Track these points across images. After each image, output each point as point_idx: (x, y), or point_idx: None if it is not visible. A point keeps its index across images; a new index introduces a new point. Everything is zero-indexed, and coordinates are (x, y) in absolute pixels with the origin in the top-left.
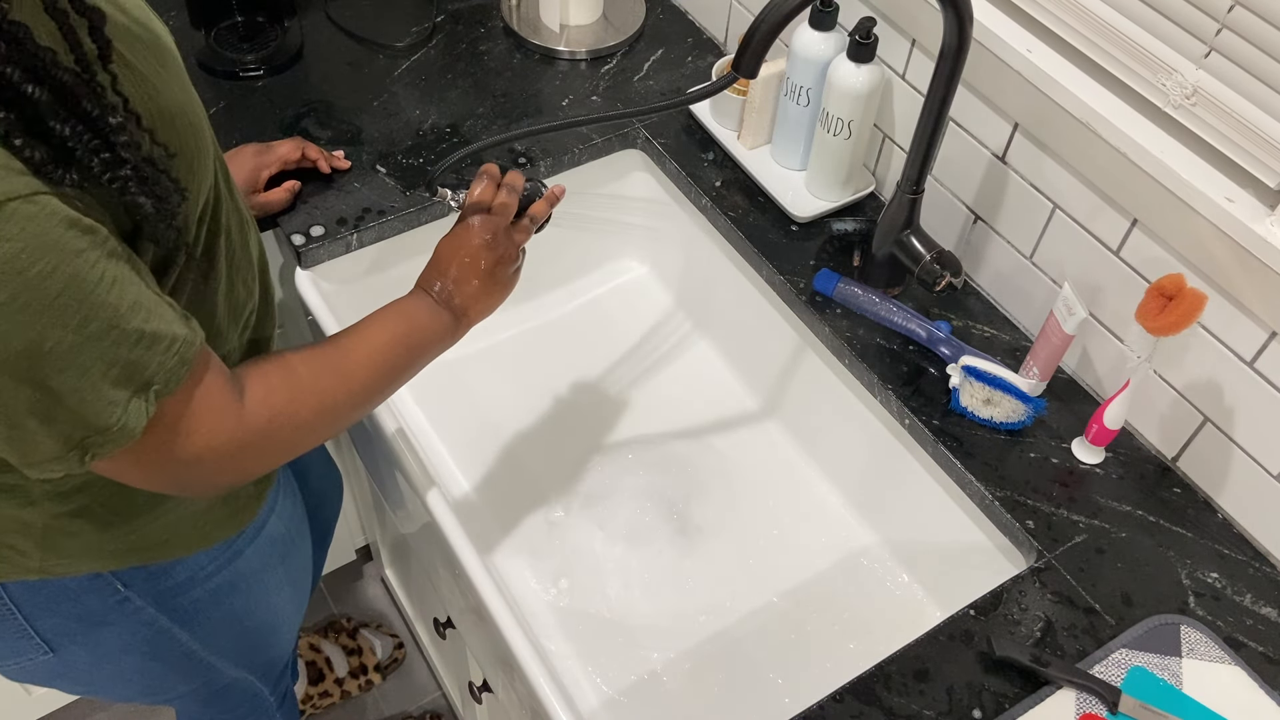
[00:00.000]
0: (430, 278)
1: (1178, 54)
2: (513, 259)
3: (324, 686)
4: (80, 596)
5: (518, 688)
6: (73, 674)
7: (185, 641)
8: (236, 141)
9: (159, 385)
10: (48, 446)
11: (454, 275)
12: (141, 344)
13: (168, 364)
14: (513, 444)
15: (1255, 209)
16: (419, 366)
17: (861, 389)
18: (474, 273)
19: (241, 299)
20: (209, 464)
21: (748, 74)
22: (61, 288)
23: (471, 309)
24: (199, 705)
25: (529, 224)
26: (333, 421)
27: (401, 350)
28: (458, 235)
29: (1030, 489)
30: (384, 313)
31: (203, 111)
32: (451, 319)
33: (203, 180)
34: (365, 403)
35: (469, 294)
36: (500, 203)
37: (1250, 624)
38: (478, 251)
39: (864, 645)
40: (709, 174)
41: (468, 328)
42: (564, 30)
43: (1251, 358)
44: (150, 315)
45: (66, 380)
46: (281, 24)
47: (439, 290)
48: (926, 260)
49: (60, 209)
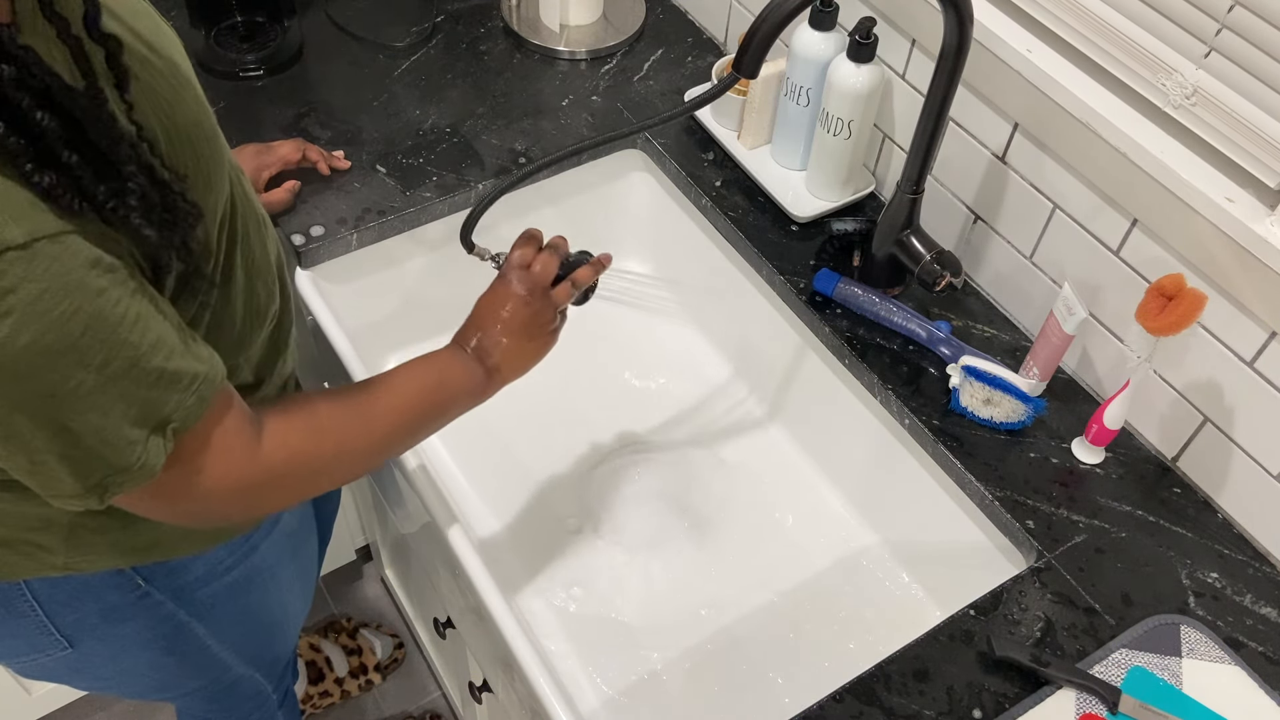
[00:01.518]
0: (466, 333)
1: (1178, 54)
2: (549, 320)
3: (324, 686)
4: (101, 592)
5: (518, 688)
6: (89, 669)
7: (201, 636)
8: (236, 141)
9: (177, 423)
10: (68, 485)
11: (489, 331)
12: (161, 383)
13: (186, 402)
14: (512, 444)
15: (1255, 209)
16: (446, 420)
17: (861, 389)
18: (509, 330)
19: (263, 301)
20: (223, 499)
21: (749, 74)
22: (84, 329)
23: (505, 366)
24: (204, 703)
25: (570, 288)
26: (351, 466)
27: (429, 402)
28: (495, 291)
29: (1030, 489)
30: (416, 363)
31: (215, 121)
32: (484, 375)
33: (219, 191)
34: (386, 450)
35: (503, 351)
36: (541, 261)
37: (1250, 624)
38: (514, 309)
39: (864, 645)
40: (709, 174)
41: (500, 385)
42: (564, 30)
43: (1251, 358)
44: (172, 353)
45: (88, 421)
46: (281, 24)
47: (474, 346)
48: (926, 260)
49: (84, 248)
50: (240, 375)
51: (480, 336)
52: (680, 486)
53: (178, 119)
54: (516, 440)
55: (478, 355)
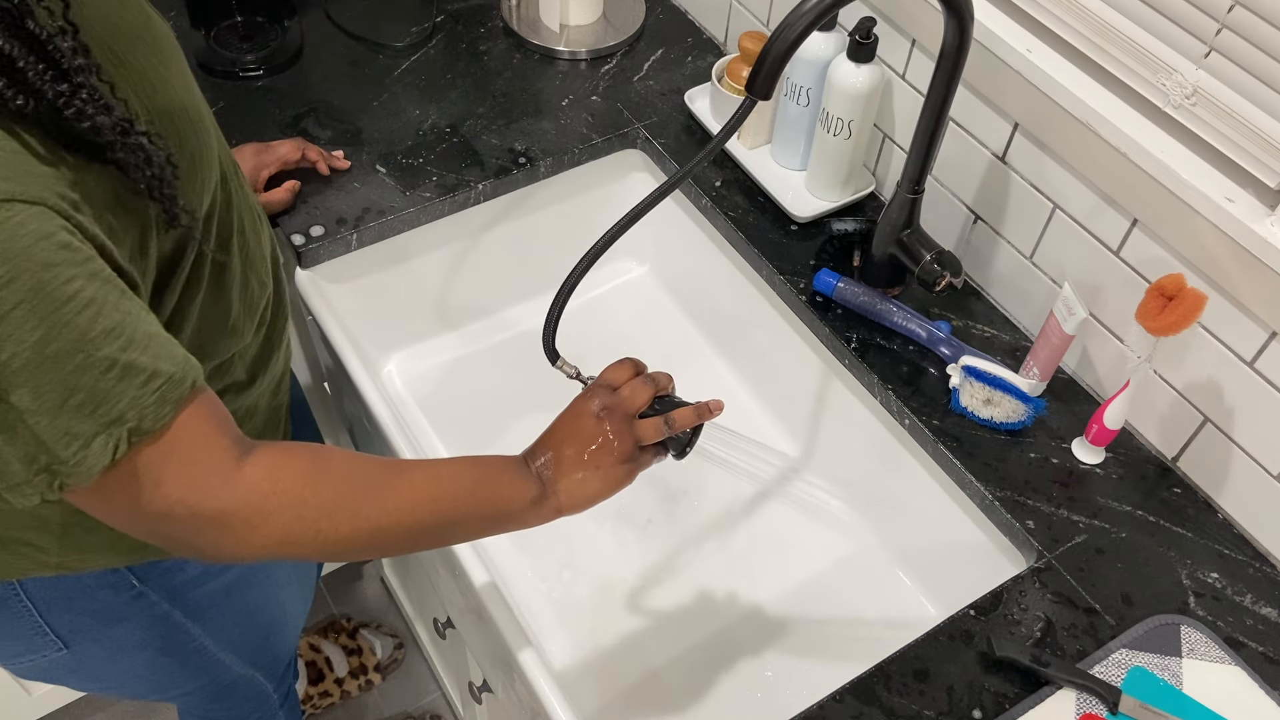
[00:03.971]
0: (535, 448)
1: (1178, 54)
2: (626, 453)
3: (324, 686)
4: (96, 592)
5: (518, 688)
6: (85, 670)
7: (197, 636)
8: (236, 141)
9: (133, 423)
10: (15, 468)
11: (555, 449)
12: (112, 374)
13: (144, 400)
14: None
15: (1255, 209)
16: (478, 529)
17: (861, 389)
18: (575, 450)
19: (256, 294)
20: (184, 522)
21: (762, 96)
22: (19, 300)
23: (563, 491)
24: (205, 702)
25: (662, 425)
26: (348, 534)
27: (462, 499)
28: (573, 407)
29: (1030, 489)
30: (466, 458)
31: (206, 110)
32: (537, 493)
33: (207, 177)
34: (394, 531)
35: (564, 472)
36: (632, 386)
37: (1250, 624)
38: (586, 428)
39: (864, 645)
40: (709, 174)
41: (555, 511)
42: (564, 30)
43: (1252, 358)
44: (130, 346)
45: (23, 399)
46: (281, 24)
47: (538, 463)
48: (926, 260)
49: (46, 223)
50: (234, 373)
51: (545, 454)
52: (679, 486)
53: (160, 99)
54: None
55: (538, 473)
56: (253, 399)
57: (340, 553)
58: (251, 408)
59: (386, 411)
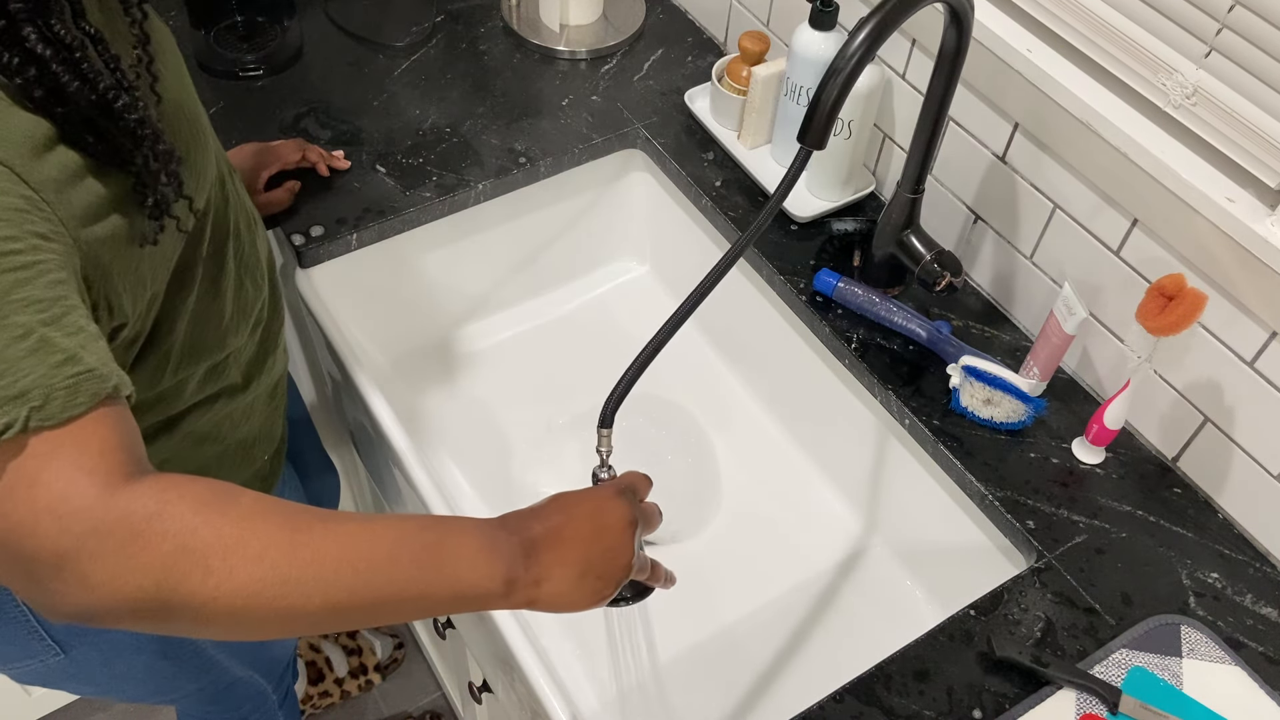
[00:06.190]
0: (528, 517)
1: (1178, 54)
2: (622, 566)
3: (324, 686)
4: None
5: (518, 688)
6: (83, 674)
7: (195, 639)
8: (236, 141)
9: (38, 403)
10: None
11: (560, 529)
12: (23, 342)
13: (55, 381)
14: (512, 443)
15: (1255, 209)
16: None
17: (861, 389)
18: (583, 543)
19: (251, 297)
20: (55, 537)
21: (816, 146)
22: None
23: (551, 576)
24: (204, 704)
25: (647, 564)
26: (245, 583)
27: (402, 568)
28: (597, 495)
29: (1030, 489)
30: (421, 516)
31: (202, 110)
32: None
33: (202, 175)
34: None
35: (558, 559)
36: (651, 508)
37: (1251, 624)
38: (610, 525)
39: (864, 645)
40: (709, 174)
41: (526, 595)
42: (564, 30)
43: (1252, 358)
44: (54, 323)
45: None
46: (281, 24)
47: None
48: (926, 260)
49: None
50: (229, 375)
51: (540, 529)
52: (679, 486)
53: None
54: (516, 441)
55: (522, 548)
56: (249, 401)
57: (234, 611)
58: (248, 410)
59: (387, 411)
